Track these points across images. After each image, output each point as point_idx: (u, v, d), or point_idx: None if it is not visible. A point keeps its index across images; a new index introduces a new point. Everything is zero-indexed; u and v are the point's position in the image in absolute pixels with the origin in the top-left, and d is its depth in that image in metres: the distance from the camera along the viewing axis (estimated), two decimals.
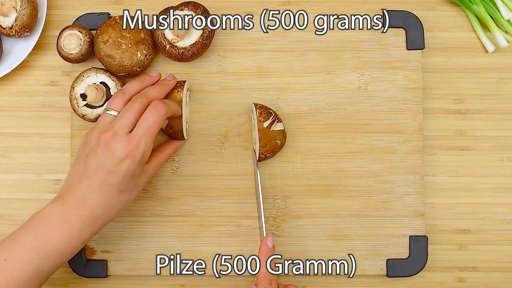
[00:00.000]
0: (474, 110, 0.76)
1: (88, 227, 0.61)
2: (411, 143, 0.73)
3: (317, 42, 0.74)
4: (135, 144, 0.61)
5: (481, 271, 0.75)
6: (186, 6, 0.71)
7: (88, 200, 0.61)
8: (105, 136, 0.61)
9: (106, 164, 0.61)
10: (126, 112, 0.63)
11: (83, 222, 0.60)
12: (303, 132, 0.73)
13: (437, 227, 0.75)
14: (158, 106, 0.63)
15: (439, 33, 0.77)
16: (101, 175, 0.61)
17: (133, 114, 0.63)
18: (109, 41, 0.70)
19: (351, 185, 0.73)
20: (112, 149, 0.61)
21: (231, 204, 0.73)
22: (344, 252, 0.72)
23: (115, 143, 0.61)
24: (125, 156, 0.61)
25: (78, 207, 0.60)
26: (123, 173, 0.61)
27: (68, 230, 0.60)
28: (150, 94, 0.66)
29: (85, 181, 0.61)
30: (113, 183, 0.61)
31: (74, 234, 0.60)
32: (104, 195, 0.61)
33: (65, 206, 0.61)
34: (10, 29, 0.71)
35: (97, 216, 0.61)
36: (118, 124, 0.62)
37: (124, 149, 0.61)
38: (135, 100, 0.64)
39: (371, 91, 0.74)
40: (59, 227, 0.60)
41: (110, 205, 0.62)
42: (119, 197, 0.62)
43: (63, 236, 0.60)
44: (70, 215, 0.60)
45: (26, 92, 0.76)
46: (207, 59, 0.74)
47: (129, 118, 0.63)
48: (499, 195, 0.75)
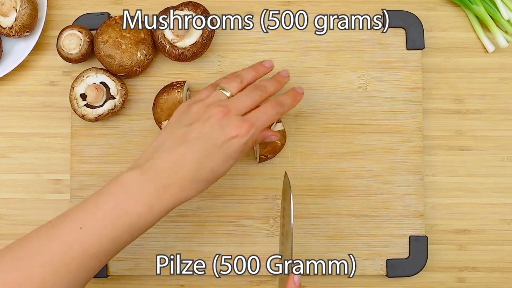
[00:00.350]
0: (474, 110, 0.76)
1: (170, 200, 0.56)
2: (411, 143, 0.73)
3: (317, 42, 0.74)
4: (247, 127, 0.58)
5: (481, 271, 0.75)
6: (186, 6, 0.71)
7: (178, 169, 0.56)
8: (218, 110, 0.58)
9: (214, 136, 0.57)
10: (244, 96, 0.61)
11: (166, 193, 0.56)
12: (303, 132, 0.73)
13: (437, 227, 0.75)
14: (281, 105, 0.62)
15: (439, 33, 0.77)
16: (203, 144, 0.57)
17: (251, 101, 0.61)
18: (109, 41, 0.70)
19: (351, 185, 0.73)
20: (223, 124, 0.58)
21: (231, 204, 0.73)
22: (344, 252, 0.72)
23: (228, 120, 0.58)
24: (235, 135, 0.57)
25: (164, 175, 0.56)
26: (226, 150, 0.58)
27: (148, 201, 0.55)
28: (269, 89, 0.64)
29: (183, 147, 0.57)
30: (211, 158, 0.57)
31: (155, 206, 0.56)
32: (197, 167, 0.57)
33: (148, 175, 0.56)
34: (10, 29, 0.71)
35: (182, 190, 0.57)
36: (234, 104, 0.60)
37: (236, 127, 0.58)
38: (254, 89, 0.62)
39: (371, 91, 0.74)
40: (140, 198, 0.55)
41: (197, 181, 0.57)
42: (209, 175, 0.58)
43: (144, 209, 0.55)
44: (152, 185, 0.56)
45: (26, 92, 0.76)
46: (207, 59, 0.74)
47: (246, 104, 0.60)
48: (499, 195, 0.75)
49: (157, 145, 0.59)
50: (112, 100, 0.71)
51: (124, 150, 0.74)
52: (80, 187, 0.73)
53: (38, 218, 0.75)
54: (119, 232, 0.55)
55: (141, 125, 0.74)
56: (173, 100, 0.70)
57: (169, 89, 0.71)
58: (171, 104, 0.70)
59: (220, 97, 0.62)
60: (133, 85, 0.74)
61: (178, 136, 0.58)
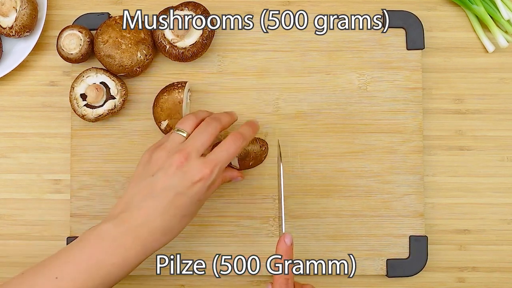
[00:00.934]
0: (474, 110, 0.76)
1: (144, 251, 0.58)
2: (411, 143, 0.73)
3: (317, 42, 0.74)
4: (209, 169, 0.59)
5: (481, 271, 0.75)
6: (186, 6, 0.71)
7: (149, 222, 0.58)
8: (178, 157, 0.59)
9: (177, 186, 0.58)
10: (200, 134, 0.62)
11: (139, 246, 0.58)
12: (303, 132, 0.73)
13: (437, 227, 0.75)
14: (241, 138, 0.62)
15: (439, 33, 0.77)
16: (169, 196, 0.58)
17: (207, 137, 0.61)
18: (109, 41, 0.70)
19: (351, 185, 0.73)
20: (184, 171, 0.59)
21: (231, 204, 0.73)
22: (344, 252, 0.72)
23: (188, 165, 0.59)
24: (198, 179, 0.58)
25: (136, 228, 0.58)
26: (192, 196, 0.59)
27: (123, 253, 0.57)
28: (223, 120, 0.64)
29: (150, 201, 0.58)
30: (180, 206, 0.59)
31: (129, 258, 0.58)
32: (168, 218, 0.58)
33: (122, 227, 0.58)
34: (10, 29, 0.71)
35: (155, 241, 0.59)
36: (191, 146, 0.60)
37: (198, 172, 0.58)
38: (209, 123, 0.63)
39: (371, 91, 0.74)
40: (115, 250, 0.57)
41: (170, 230, 0.59)
42: (180, 221, 0.60)
43: (118, 259, 0.57)
44: (126, 238, 0.57)
45: (26, 92, 0.76)
46: (207, 59, 0.74)
47: (203, 141, 0.61)
48: (499, 195, 0.75)
49: (128, 198, 0.60)
50: (112, 100, 0.71)
51: (124, 150, 0.74)
52: (80, 187, 0.73)
53: (38, 218, 0.75)
54: (94, 282, 0.57)
55: (141, 125, 0.74)
56: (173, 100, 0.70)
57: (169, 89, 0.71)
58: (171, 104, 0.70)
59: (176, 140, 0.62)
60: (133, 85, 0.74)
61: (145, 188, 0.60)
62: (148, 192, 0.59)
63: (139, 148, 0.73)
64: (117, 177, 0.73)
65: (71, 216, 0.73)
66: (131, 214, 0.58)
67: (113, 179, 0.73)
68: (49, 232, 0.75)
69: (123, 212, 0.59)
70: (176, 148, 0.61)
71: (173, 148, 0.61)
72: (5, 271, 0.60)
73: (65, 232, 0.74)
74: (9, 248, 0.75)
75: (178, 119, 0.70)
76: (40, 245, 0.74)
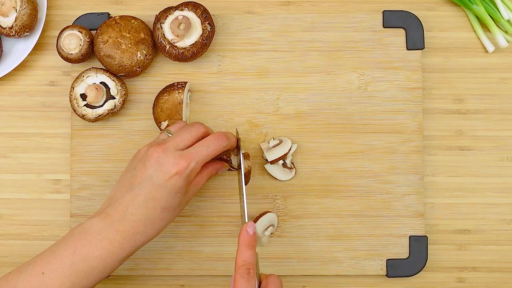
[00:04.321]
0: (474, 110, 0.76)
1: (128, 244, 0.59)
2: (411, 143, 0.73)
3: (317, 42, 0.74)
4: (186, 162, 0.60)
5: (481, 271, 0.75)
6: (186, 6, 0.71)
7: (129, 215, 0.59)
8: (155, 149, 0.60)
9: (153, 178, 0.59)
10: (182, 131, 0.63)
11: (123, 238, 0.59)
12: (303, 132, 0.73)
13: (437, 227, 0.75)
14: (223, 138, 0.63)
15: (439, 33, 0.77)
16: (146, 188, 0.59)
17: (188, 136, 0.63)
18: (109, 41, 0.70)
19: (351, 185, 0.73)
20: (161, 163, 0.60)
21: (231, 204, 0.73)
22: (344, 252, 0.72)
23: (165, 158, 0.60)
24: (174, 172, 0.59)
25: (119, 221, 0.59)
26: (169, 188, 0.59)
27: (107, 246, 0.58)
28: (210, 129, 0.66)
29: (130, 194, 0.60)
30: (158, 198, 0.59)
31: (114, 251, 0.59)
32: (147, 211, 0.59)
33: (106, 221, 0.59)
34: (10, 29, 0.71)
35: (137, 233, 0.59)
36: (171, 141, 0.62)
37: (174, 164, 0.59)
38: (194, 125, 0.64)
39: (371, 91, 0.74)
40: (99, 243, 0.58)
41: (152, 222, 0.60)
42: (162, 214, 0.60)
43: (102, 252, 0.58)
44: (110, 230, 0.59)
45: (26, 92, 0.76)
46: (207, 59, 0.74)
47: (183, 138, 0.62)
48: (499, 195, 0.75)
49: (113, 193, 0.62)
50: (112, 100, 0.71)
51: (124, 150, 0.74)
52: (80, 187, 0.73)
53: (38, 218, 0.75)
54: (79, 275, 0.58)
55: (141, 125, 0.74)
56: (173, 101, 0.70)
57: (170, 90, 0.71)
58: (171, 104, 0.70)
59: (161, 137, 0.64)
60: (133, 85, 0.74)
61: (126, 182, 0.61)
62: (129, 185, 0.61)
63: (139, 148, 0.73)
64: (117, 177, 0.73)
65: (71, 216, 0.73)
66: (113, 208, 0.60)
67: (113, 179, 0.73)
68: (49, 232, 0.75)
69: (107, 207, 0.61)
70: (158, 142, 0.63)
71: (156, 142, 0.63)
72: (5, 271, 0.60)
73: (65, 232, 0.74)
74: (9, 248, 0.75)
75: (178, 120, 0.70)
76: (40, 245, 0.74)
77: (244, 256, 0.59)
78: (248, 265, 0.59)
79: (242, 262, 0.59)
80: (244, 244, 0.60)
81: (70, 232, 0.60)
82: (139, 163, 0.61)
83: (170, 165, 0.60)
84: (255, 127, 0.73)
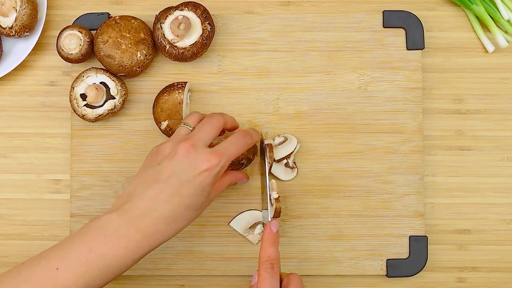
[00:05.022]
0: (474, 110, 0.76)
1: (147, 243, 0.57)
2: (411, 143, 0.73)
3: (317, 42, 0.74)
4: (217, 159, 0.59)
5: (481, 271, 0.75)
6: (186, 6, 0.71)
7: (152, 211, 0.57)
8: (184, 145, 0.59)
9: (182, 173, 0.58)
10: (205, 125, 0.62)
11: (142, 236, 0.57)
12: (303, 132, 0.73)
13: (437, 227, 0.75)
14: (248, 136, 0.63)
15: (439, 33, 0.77)
16: (174, 184, 0.58)
17: (211, 128, 0.62)
18: (109, 41, 0.70)
19: (351, 185, 0.73)
20: (191, 159, 0.58)
21: (231, 204, 0.73)
22: (344, 252, 0.72)
23: (196, 154, 0.59)
24: (205, 168, 0.58)
25: (139, 218, 0.57)
26: (197, 185, 0.58)
27: (125, 244, 0.56)
28: (226, 116, 0.65)
29: (154, 189, 0.58)
30: (184, 195, 0.58)
31: (131, 249, 0.57)
32: (171, 207, 0.57)
33: (125, 217, 0.57)
34: (10, 29, 0.71)
35: (157, 231, 0.57)
36: (197, 136, 0.60)
37: (205, 161, 0.58)
38: (212, 116, 0.63)
39: (371, 91, 0.74)
40: (116, 241, 0.56)
41: (174, 221, 0.58)
42: (184, 212, 0.58)
43: (119, 251, 0.56)
44: (129, 227, 0.57)
45: (26, 92, 0.76)
46: (207, 59, 0.74)
47: (208, 132, 0.61)
48: (499, 195, 0.75)
49: (132, 188, 0.60)
50: (112, 100, 0.71)
51: (124, 150, 0.74)
52: (80, 187, 0.73)
53: (38, 218, 0.75)
54: (94, 273, 0.56)
55: (141, 125, 0.74)
56: (173, 101, 0.70)
57: (170, 90, 0.71)
58: (171, 104, 0.70)
59: (182, 132, 0.63)
60: (133, 85, 0.74)
61: (150, 177, 0.59)
62: (153, 181, 0.58)
63: (139, 148, 0.73)
64: (117, 177, 0.73)
65: (71, 216, 0.73)
66: (133, 204, 0.58)
67: (113, 179, 0.73)
68: (49, 232, 0.75)
69: (126, 203, 0.58)
70: (183, 138, 0.61)
71: (180, 138, 0.61)
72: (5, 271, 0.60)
73: (65, 232, 0.74)
74: (9, 248, 0.75)
75: (178, 120, 0.70)
76: (40, 245, 0.74)
77: (268, 252, 0.59)
78: (272, 260, 0.59)
79: (266, 257, 0.59)
80: (268, 241, 0.60)
81: (86, 226, 0.58)
82: (165, 158, 0.59)
83: (201, 161, 0.58)
84: (255, 127, 0.73)
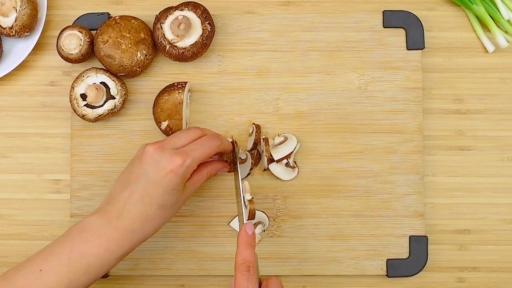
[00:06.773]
0: (474, 110, 0.76)
1: (125, 241, 0.60)
2: (411, 143, 0.73)
3: (317, 42, 0.74)
4: (181, 159, 0.61)
5: (481, 271, 0.75)
6: (186, 6, 0.71)
7: (126, 212, 0.60)
8: (151, 147, 0.61)
9: (149, 174, 0.60)
10: (180, 133, 0.65)
11: (120, 235, 0.59)
12: (303, 132, 0.73)
13: (437, 227, 0.75)
14: (216, 138, 0.65)
15: (439, 33, 0.77)
16: (143, 185, 0.60)
17: (185, 137, 0.64)
18: (109, 41, 0.70)
19: (351, 185, 0.73)
20: (156, 160, 0.61)
21: (231, 204, 0.73)
22: (344, 252, 0.72)
23: (161, 155, 0.61)
24: (170, 169, 0.60)
25: (116, 219, 0.60)
26: (165, 185, 0.60)
27: (104, 243, 0.59)
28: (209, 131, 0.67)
29: (127, 191, 0.61)
30: (154, 195, 0.60)
31: (111, 248, 0.59)
32: (143, 208, 0.60)
33: (104, 218, 0.60)
34: (10, 29, 0.71)
35: (134, 231, 0.60)
36: (168, 140, 0.63)
37: (169, 162, 0.60)
38: (190, 128, 0.66)
39: (371, 91, 0.74)
40: (96, 240, 0.59)
41: (149, 220, 0.61)
42: (158, 211, 0.61)
43: (100, 249, 0.59)
44: (108, 227, 0.59)
45: (26, 92, 0.76)
46: (207, 59, 0.74)
47: (180, 138, 0.64)
48: (499, 195, 0.75)
49: (112, 190, 0.63)
50: (112, 100, 0.71)
51: (124, 150, 0.74)
52: (80, 187, 0.73)
53: (38, 218, 0.75)
54: (76, 273, 0.58)
55: (141, 125, 0.74)
56: (173, 101, 0.70)
57: (170, 90, 0.71)
58: (171, 104, 0.70)
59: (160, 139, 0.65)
60: (133, 85, 0.74)
61: (124, 180, 0.62)
62: (126, 183, 0.61)
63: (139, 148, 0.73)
64: (117, 177, 0.73)
65: (71, 216, 0.73)
66: (111, 206, 0.61)
67: (113, 179, 0.73)
68: (49, 232, 0.75)
69: (106, 205, 0.61)
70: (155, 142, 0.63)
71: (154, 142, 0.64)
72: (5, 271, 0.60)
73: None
74: (9, 248, 0.75)
75: (178, 120, 0.70)
76: (40, 245, 0.74)
77: (243, 255, 0.59)
78: (247, 263, 0.59)
79: (241, 260, 0.59)
80: (243, 243, 0.60)
81: (69, 229, 0.61)
82: (136, 160, 0.62)
83: (165, 162, 0.60)
84: None
